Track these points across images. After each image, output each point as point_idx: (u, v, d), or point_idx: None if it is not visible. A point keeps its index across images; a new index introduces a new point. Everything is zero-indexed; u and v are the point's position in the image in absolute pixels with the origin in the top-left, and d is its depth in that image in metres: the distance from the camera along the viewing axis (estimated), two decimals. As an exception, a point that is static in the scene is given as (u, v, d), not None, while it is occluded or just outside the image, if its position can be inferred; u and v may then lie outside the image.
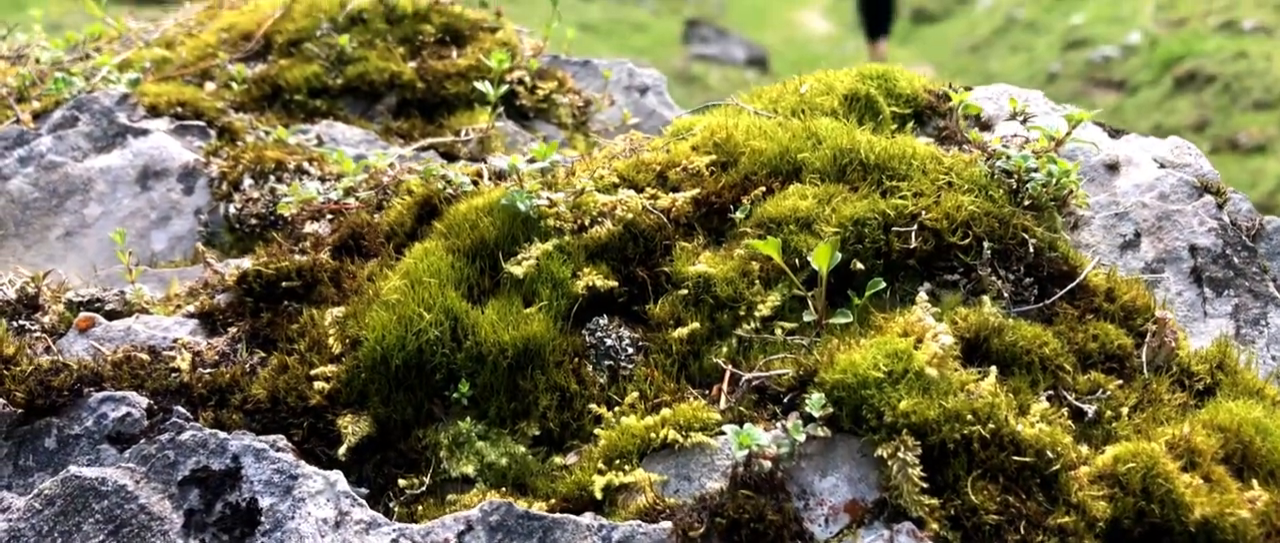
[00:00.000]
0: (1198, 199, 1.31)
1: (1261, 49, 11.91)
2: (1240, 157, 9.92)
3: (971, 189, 1.21)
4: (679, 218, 1.26)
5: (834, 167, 1.26)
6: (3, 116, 1.61)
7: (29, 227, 1.46)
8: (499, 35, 1.78)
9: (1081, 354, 1.11)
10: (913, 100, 1.45)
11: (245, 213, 1.40)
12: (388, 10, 1.72)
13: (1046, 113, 1.43)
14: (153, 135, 1.51)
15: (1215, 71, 11.69)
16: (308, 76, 1.63)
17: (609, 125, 1.76)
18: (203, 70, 1.65)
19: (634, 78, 1.82)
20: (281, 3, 1.76)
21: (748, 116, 1.40)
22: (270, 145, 1.47)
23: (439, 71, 1.66)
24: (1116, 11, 16.86)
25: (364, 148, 1.54)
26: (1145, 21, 15.47)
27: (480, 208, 1.24)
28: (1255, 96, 10.79)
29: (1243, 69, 11.41)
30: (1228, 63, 11.76)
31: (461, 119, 1.61)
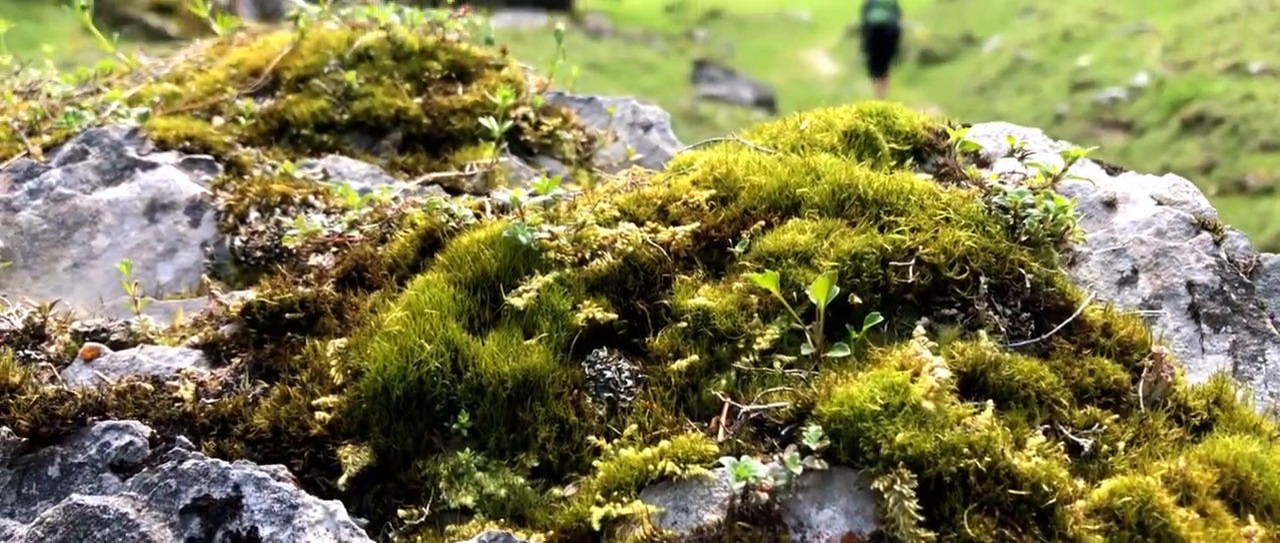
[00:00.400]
0: (1195, 236, 1.32)
1: (1269, 91, 11.95)
2: (1249, 198, 9.91)
3: (969, 225, 1.22)
4: (679, 251, 1.27)
5: (832, 202, 1.28)
6: (14, 150, 1.64)
7: (37, 258, 1.48)
8: (505, 72, 1.80)
9: (1078, 389, 1.12)
10: (912, 137, 1.46)
11: (251, 245, 1.42)
12: (395, 47, 1.75)
13: (1044, 150, 1.44)
14: (161, 169, 1.53)
15: (1223, 114, 11.73)
16: (314, 112, 1.65)
17: (613, 161, 1.78)
18: (211, 105, 1.68)
19: (638, 115, 1.84)
20: (290, 40, 1.79)
21: (748, 152, 1.42)
22: (276, 179, 1.49)
23: (444, 107, 1.68)
24: (1123, 54, 16.94)
25: (369, 182, 1.56)
26: (1152, 64, 15.54)
27: (482, 240, 1.25)
28: (1263, 138, 10.81)
29: (1250, 111, 11.45)
30: (1235, 105, 11.80)
31: (466, 154, 1.63)
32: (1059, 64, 18.13)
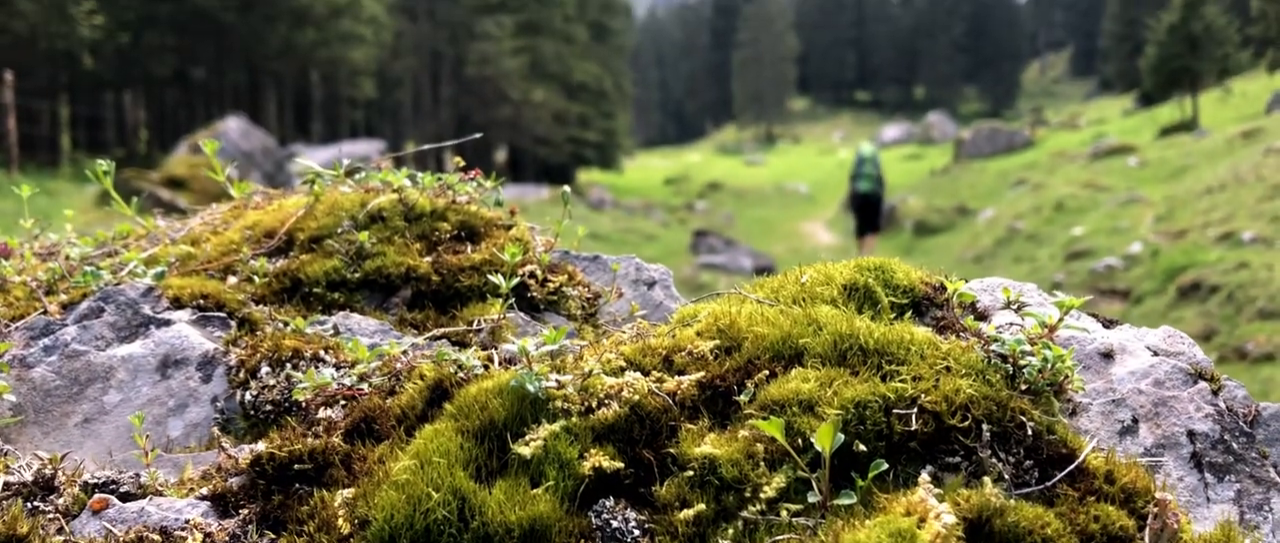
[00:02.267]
0: (1193, 386, 1.34)
1: (1262, 260, 12.11)
2: (1249, 366, 9.92)
3: (969, 374, 1.24)
4: (684, 400, 1.29)
5: (835, 351, 1.30)
6: (31, 308, 1.67)
7: (49, 414, 1.49)
8: (513, 232, 1.86)
9: (1083, 535, 1.11)
10: (910, 291, 1.50)
11: (261, 399, 1.44)
12: (406, 209, 1.81)
13: (1040, 303, 1.48)
14: (175, 326, 1.56)
15: (1218, 281, 11.85)
16: (327, 271, 1.70)
17: (617, 317, 1.81)
18: (226, 265, 1.73)
19: (641, 272, 1.88)
20: (305, 202, 1.86)
21: (750, 304, 1.45)
22: (288, 335, 1.52)
23: (454, 265, 1.73)
24: (1116, 224, 17.27)
25: (379, 337, 1.59)
26: (1145, 233, 15.83)
27: (490, 390, 1.27)
28: (1260, 306, 10.90)
29: (1245, 279, 11.58)
30: (1230, 273, 11.94)
31: (474, 310, 1.67)
32: (1053, 234, 18.47)
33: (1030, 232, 19.36)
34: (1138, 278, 13.70)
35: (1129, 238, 15.57)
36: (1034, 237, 18.98)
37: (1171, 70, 35.75)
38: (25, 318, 1.63)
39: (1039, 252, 17.67)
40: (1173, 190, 19.14)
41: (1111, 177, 23.03)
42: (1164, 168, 22.62)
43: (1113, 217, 17.94)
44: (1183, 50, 35.17)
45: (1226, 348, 10.40)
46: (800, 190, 45.32)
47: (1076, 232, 17.35)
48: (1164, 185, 20.76)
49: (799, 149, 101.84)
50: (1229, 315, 11.13)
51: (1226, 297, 11.44)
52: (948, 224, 24.21)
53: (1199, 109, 36.52)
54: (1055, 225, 19.10)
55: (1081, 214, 19.32)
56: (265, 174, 19.67)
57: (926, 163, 50.77)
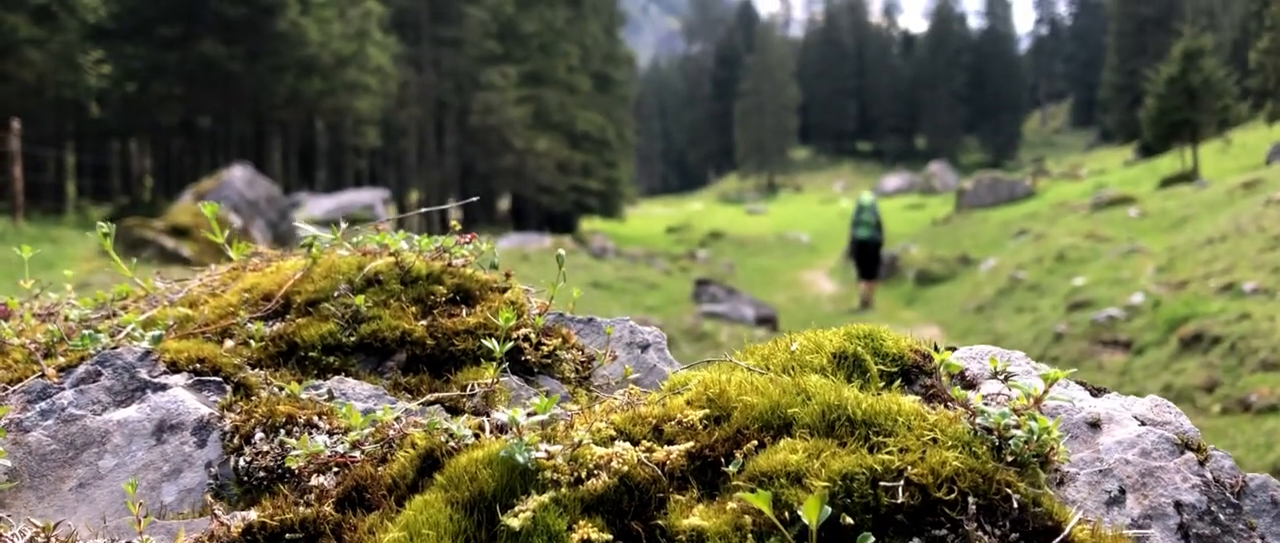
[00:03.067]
0: (1180, 456, 1.35)
1: (1264, 310, 12.10)
2: (1253, 417, 9.88)
3: (956, 446, 1.25)
4: (673, 471, 1.29)
5: (823, 422, 1.32)
6: (29, 371, 1.69)
7: (44, 478, 1.50)
8: (508, 295, 1.88)
9: (1070, 610, 1.12)
10: (899, 359, 1.52)
11: (254, 465, 1.45)
12: (403, 272, 1.83)
13: (1027, 372, 1.49)
14: (171, 390, 1.58)
15: (1220, 332, 11.84)
16: (323, 334, 1.72)
17: (611, 380, 1.83)
18: (224, 328, 1.74)
19: (635, 335, 1.90)
20: (302, 265, 1.88)
21: (741, 372, 1.47)
22: (283, 400, 1.54)
23: (449, 329, 1.74)
24: (1117, 274, 17.29)
25: (373, 402, 1.60)
26: (1146, 284, 15.84)
27: (480, 460, 1.28)
28: (1263, 357, 10.87)
29: (1247, 330, 11.56)
30: (1232, 324, 11.93)
31: (468, 374, 1.68)
32: (1055, 284, 18.48)
33: (1032, 282, 19.39)
34: (1139, 329, 13.70)
35: (1130, 288, 15.58)
36: (1036, 287, 19.00)
37: (1171, 122, 35.99)
38: (23, 381, 1.65)
39: (1041, 302, 17.68)
40: (1174, 241, 19.19)
41: (1113, 227, 23.10)
42: (1165, 219, 22.69)
43: (1114, 267, 17.98)
44: (1182, 102, 35.42)
45: (1229, 399, 10.36)
46: (802, 240, 45.44)
47: (1078, 282, 17.38)
48: (1165, 236, 20.81)
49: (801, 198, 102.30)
50: (1232, 367, 11.10)
51: (1229, 348, 11.42)
52: (950, 274, 24.25)
53: (1199, 160, 36.73)
54: (1057, 276, 19.13)
55: (1083, 264, 19.36)
56: (269, 223, 19.77)
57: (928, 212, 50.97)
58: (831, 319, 20.84)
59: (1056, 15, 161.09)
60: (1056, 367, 5.66)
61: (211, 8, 26.01)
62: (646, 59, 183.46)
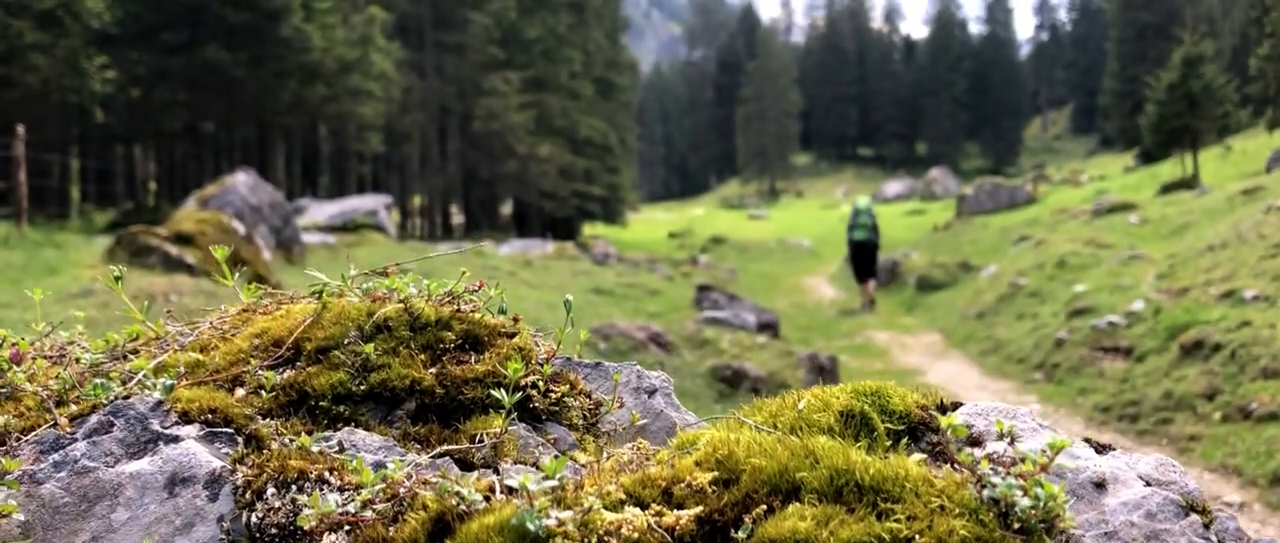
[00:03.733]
0: (1185, 518, 1.36)
1: (1265, 318, 12.10)
2: (1254, 425, 9.89)
3: (963, 513, 1.26)
4: (682, 536, 1.30)
5: (831, 487, 1.33)
6: (42, 420, 1.70)
7: (57, 532, 1.51)
8: (516, 340, 1.89)
9: None
10: (906, 417, 1.53)
11: (267, 522, 1.46)
12: (412, 319, 1.84)
13: (1033, 429, 1.50)
14: (183, 442, 1.59)
15: (1221, 340, 11.84)
16: (333, 383, 1.73)
17: (618, 425, 1.84)
18: (234, 376, 1.76)
19: (642, 380, 1.91)
20: (312, 310, 1.89)
21: (748, 432, 1.48)
22: (294, 454, 1.55)
23: (458, 377, 1.76)
24: (1118, 281, 17.29)
25: (383, 454, 1.61)
26: (1147, 290, 15.84)
27: (491, 526, 1.29)
28: (1264, 364, 10.87)
29: (1248, 338, 11.57)
30: (1233, 331, 11.93)
31: (477, 423, 1.69)
32: (1056, 290, 18.49)
33: (1033, 288, 19.39)
34: (1140, 335, 13.71)
35: (1131, 295, 15.59)
36: (1037, 293, 19.01)
37: (1171, 128, 36.01)
38: (36, 430, 1.66)
39: (1042, 308, 17.69)
40: (1174, 248, 19.20)
41: (1113, 234, 23.12)
42: (1165, 225, 22.71)
43: (1114, 274, 17.98)
44: (1182, 109, 35.44)
45: (1230, 407, 10.37)
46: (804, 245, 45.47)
47: (1079, 288, 17.39)
48: (1165, 243, 20.82)
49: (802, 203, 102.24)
50: (1232, 374, 11.10)
51: (1229, 355, 11.42)
52: (951, 280, 24.25)
53: (1200, 166, 36.74)
54: (1057, 282, 19.14)
55: (1083, 271, 19.37)
56: (273, 228, 19.78)
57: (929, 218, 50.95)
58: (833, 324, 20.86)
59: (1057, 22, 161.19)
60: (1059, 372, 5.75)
61: (215, 13, 26.06)
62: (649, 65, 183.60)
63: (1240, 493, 8.53)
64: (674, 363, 12.35)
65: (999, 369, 15.03)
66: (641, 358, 12.24)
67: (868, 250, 22.05)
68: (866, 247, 21.97)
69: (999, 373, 14.78)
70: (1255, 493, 8.39)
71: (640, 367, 1.93)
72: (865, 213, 22.21)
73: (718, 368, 11.79)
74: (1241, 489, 8.59)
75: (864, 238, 21.91)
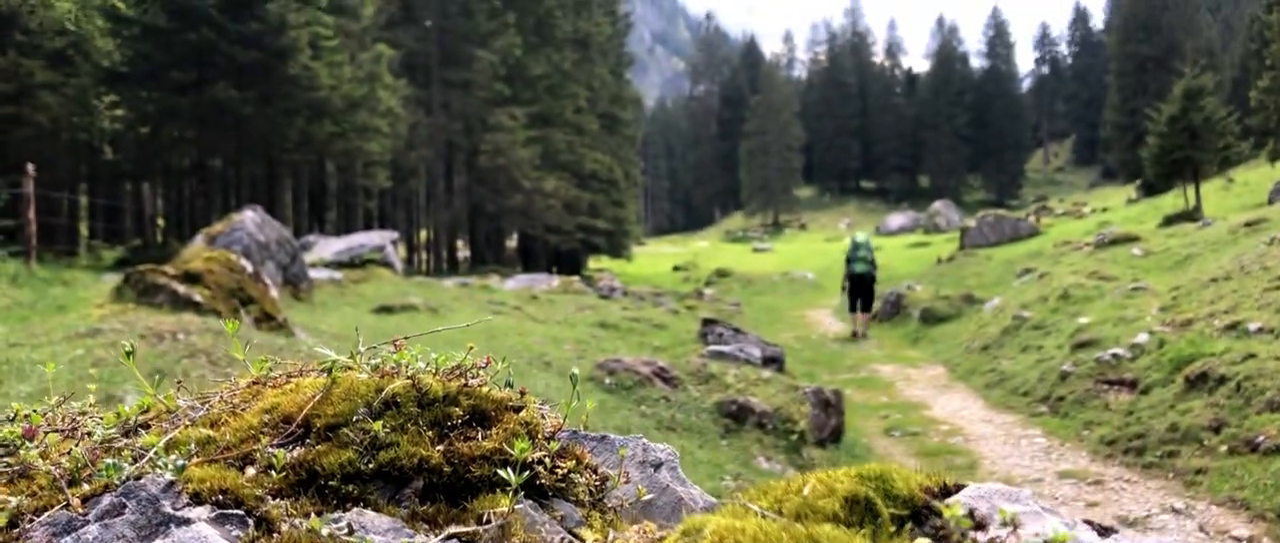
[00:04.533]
0: (1188, 605, 1.37)
1: (1269, 350, 12.05)
2: (1261, 458, 9.84)
3: (966, 606, 1.28)
4: (689, 629, 1.32)
5: (835, 578, 1.34)
6: (54, 499, 1.72)
7: (69, 617, 1.53)
8: (522, 414, 1.91)
9: None
10: (909, 501, 1.54)
11: (277, 609, 1.47)
12: (420, 395, 1.86)
13: (1036, 513, 1.51)
14: (195, 525, 1.61)
15: (1226, 372, 11.79)
16: (342, 463, 1.75)
17: (624, 500, 1.85)
18: (245, 454, 1.78)
19: (648, 453, 1.93)
20: (322, 385, 1.91)
21: (754, 519, 1.49)
22: (304, 536, 1.56)
23: (465, 454, 1.78)
24: (1122, 313, 17.26)
25: (391, 536, 1.63)
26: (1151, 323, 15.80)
27: (500, 619, 1.31)
28: (1269, 397, 10.82)
29: (1253, 370, 11.52)
30: (1238, 364, 11.88)
31: (484, 502, 1.71)
32: (1060, 323, 18.46)
33: (1037, 321, 19.36)
34: (1144, 368, 13.67)
35: (1135, 327, 15.55)
36: (1041, 326, 18.98)
37: (1173, 160, 36.08)
38: (49, 511, 1.67)
39: (1046, 341, 17.66)
40: (1178, 280, 19.18)
41: (1116, 266, 23.10)
42: (1168, 257, 22.70)
43: (1118, 306, 17.95)
44: (1183, 141, 35.53)
45: (1237, 440, 10.31)
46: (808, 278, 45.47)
47: (1082, 321, 17.36)
48: (1169, 274, 20.80)
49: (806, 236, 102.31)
50: (1238, 407, 11.05)
51: (1235, 387, 11.37)
52: (955, 312, 24.24)
53: (1202, 198, 36.77)
54: (1061, 314, 19.11)
55: (1087, 303, 19.34)
56: (280, 265, 19.82)
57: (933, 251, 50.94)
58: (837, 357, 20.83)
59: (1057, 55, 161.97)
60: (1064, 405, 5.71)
61: (224, 52, 26.31)
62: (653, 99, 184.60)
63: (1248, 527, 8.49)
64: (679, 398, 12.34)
65: (1004, 402, 15.00)
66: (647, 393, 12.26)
67: (867, 282, 23.26)
68: (866, 279, 23.17)
69: (1004, 406, 14.75)
70: (1264, 527, 8.35)
71: (646, 439, 1.95)
72: (864, 246, 23.37)
73: (723, 403, 11.78)
74: (1249, 523, 8.55)
75: (864, 270, 23.10)
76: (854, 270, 23.26)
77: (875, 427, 13.69)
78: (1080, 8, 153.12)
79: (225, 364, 6.48)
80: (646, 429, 9.27)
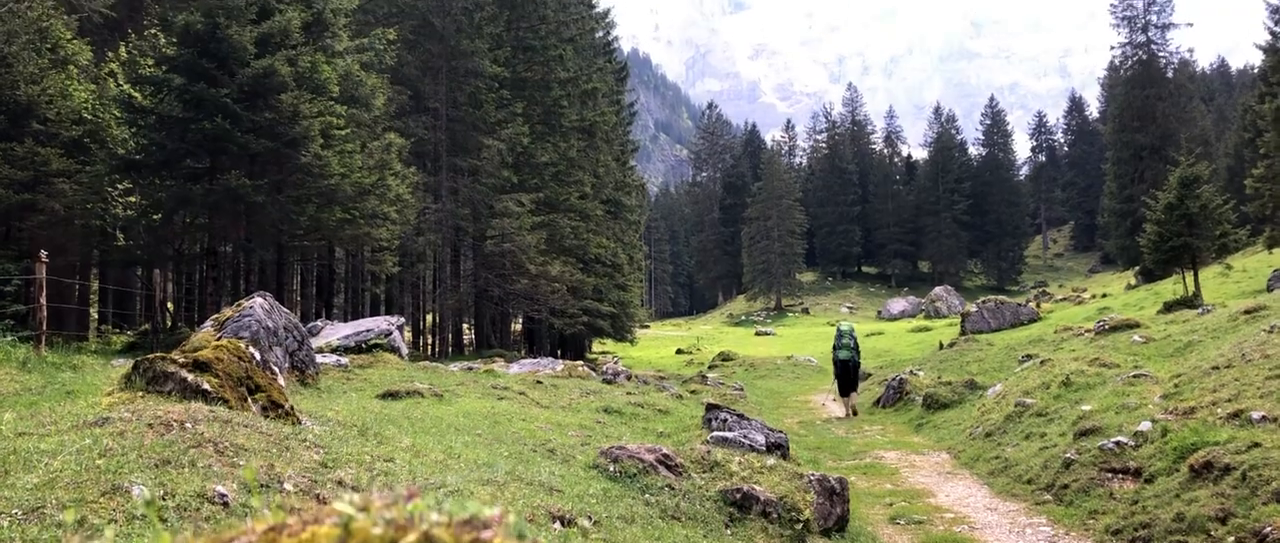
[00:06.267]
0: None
1: (1274, 439, 12.06)
2: (1269, 552, 9.87)
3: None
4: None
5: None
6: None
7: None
8: None
9: None
10: None
11: None
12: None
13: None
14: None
15: (1231, 462, 11.78)
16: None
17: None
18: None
19: None
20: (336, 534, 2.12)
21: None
22: None
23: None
24: (1124, 400, 17.34)
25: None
26: (1153, 411, 15.88)
27: None
28: (1275, 487, 10.83)
29: (1258, 459, 11.51)
30: (1242, 453, 11.86)
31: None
32: (1062, 410, 18.50)
33: (1039, 408, 19.45)
34: (1148, 456, 13.67)
35: (1138, 415, 15.63)
36: (1043, 413, 19.05)
37: (1171, 247, 36.53)
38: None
39: (1049, 428, 17.71)
40: (1179, 367, 19.29)
41: (1118, 353, 23.26)
42: (1169, 345, 22.86)
43: (1120, 394, 18.02)
44: (1181, 228, 36.03)
45: (1244, 531, 10.32)
46: (811, 363, 45.56)
47: (1085, 408, 17.44)
48: (1170, 362, 20.91)
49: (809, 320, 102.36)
50: (1244, 497, 11.05)
51: (1240, 477, 11.38)
52: (958, 398, 24.31)
53: (1201, 285, 37.09)
54: (1063, 401, 19.16)
55: (1089, 390, 19.41)
56: (288, 351, 20.04)
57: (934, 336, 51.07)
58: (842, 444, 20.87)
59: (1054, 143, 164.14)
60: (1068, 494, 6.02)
61: (238, 141, 26.92)
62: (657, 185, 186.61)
63: (1256, 618, 8.53)
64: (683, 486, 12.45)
65: (1008, 490, 15.01)
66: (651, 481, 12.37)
67: (852, 368, 25.34)
68: (850, 365, 25.27)
69: (1008, 494, 14.76)
70: (1272, 618, 8.40)
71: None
72: (848, 334, 25.49)
73: (727, 491, 11.87)
74: (1256, 614, 8.59)
75: (848, 357, 25.18)
76: (839, 357, 25.31)
77: (880, 515, 13.71)
78: (1076, 97, 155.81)
79: (232, 454, 6.67)
80: (650, 518, 9.37)
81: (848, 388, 25.49)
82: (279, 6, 29.33)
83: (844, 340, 25.25)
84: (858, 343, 25.79)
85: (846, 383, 25.48)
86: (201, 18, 27.33)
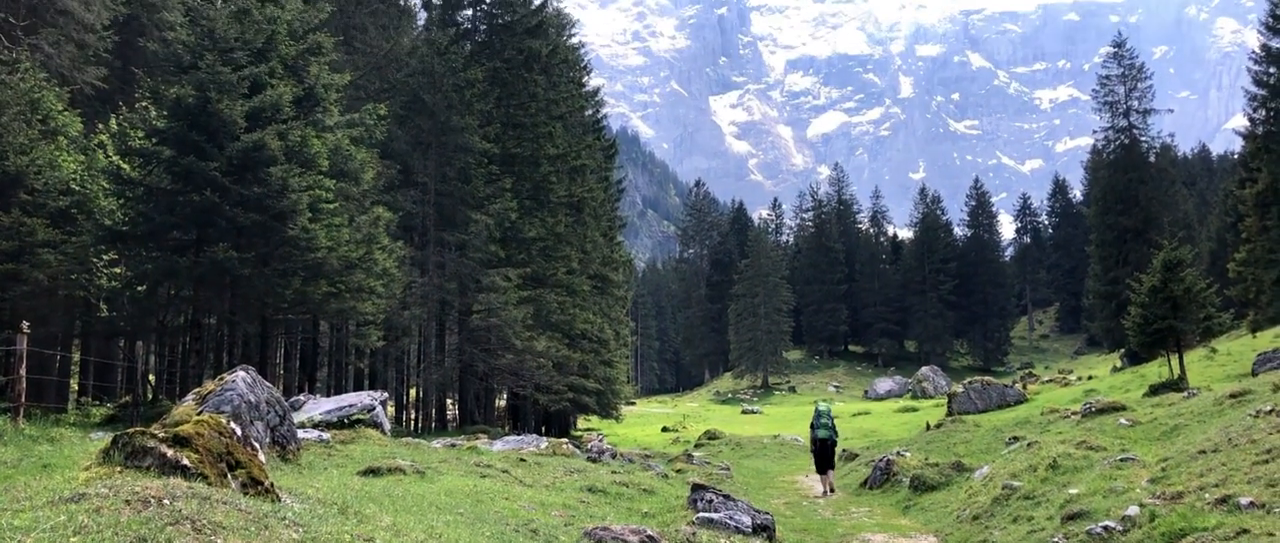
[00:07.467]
0: None
1: (1262, 525, 12.05)
2: (1262, 642, 9.79)
3: None
4: None
5: None
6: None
7: None
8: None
9: None
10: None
11: None
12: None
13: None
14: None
15: (1221, 548, 11.71)
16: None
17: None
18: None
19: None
20: None
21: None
22: None
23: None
24: (1111, 484, 17.28)
25: None
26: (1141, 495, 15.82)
27: None
28: (1267, 578, 10.77)
29: (1247, 546, 11.45)
30: (1231, 539, 11.83)
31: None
32: (1050, 493, 18.42)
33: (1027, 491, 19.34)
34: (1137, 541, 13.59)
35: (1126, 499, 15.56)
36: (1031, 496, 18.94)
37: (1155, 330, 36.71)
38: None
39: (1036, 512, 17.60)
40: (1166, 451, 19.25)
41: (1104, 436, 23.20)
42: (1156, 428, 22.83)
43: (1108, 477, 17.97)
44: (1165, 311, 36.25)
45: (1237, 618, 10.24)
46: (797, 442, 45.28)
47: (1073, 491, 17.36)
48: (1157, 445, 20.88)
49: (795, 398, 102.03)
50: (1234, 585, 10.98)
51: (1229, 564, 11.31)
52: (945, 481, 24.13)
53: (1186, 368, 37.19)
54: (1051, 485, 19.08)
55: (1077, 474, 19.35)
56: (269, 426, 19.80)
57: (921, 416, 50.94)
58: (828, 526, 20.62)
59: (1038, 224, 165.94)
60: None
61: (226, 213, 26.96)
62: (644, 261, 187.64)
63: None
64: (669, 568, 12.26)
65: (997, 575, 14.84)
66: (636, 562, 12.18)
67: (829, 447, 26.15)
68: (828, 444, 26.09)
69: (997, 579, 14.60)
70: None
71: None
72: (826, 415, 26.38)
73: (713, 573, 11.69)
74: None
75: (826, 436, 26.01)
76: (817, 436, 26.07)
77: (868, 598, 13.52)
78: (1059, 179, 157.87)
79: (210, 532, 6.57)
80: (636, 598, 9.21)
81: (825, 465, 26.29)
82: (271, 82, 29.60)
83: (822, 420, 26.26)
84: (835, 423, 26.81)
85: (824, 461, 26.31)
86: (193, 91, 27.55)
